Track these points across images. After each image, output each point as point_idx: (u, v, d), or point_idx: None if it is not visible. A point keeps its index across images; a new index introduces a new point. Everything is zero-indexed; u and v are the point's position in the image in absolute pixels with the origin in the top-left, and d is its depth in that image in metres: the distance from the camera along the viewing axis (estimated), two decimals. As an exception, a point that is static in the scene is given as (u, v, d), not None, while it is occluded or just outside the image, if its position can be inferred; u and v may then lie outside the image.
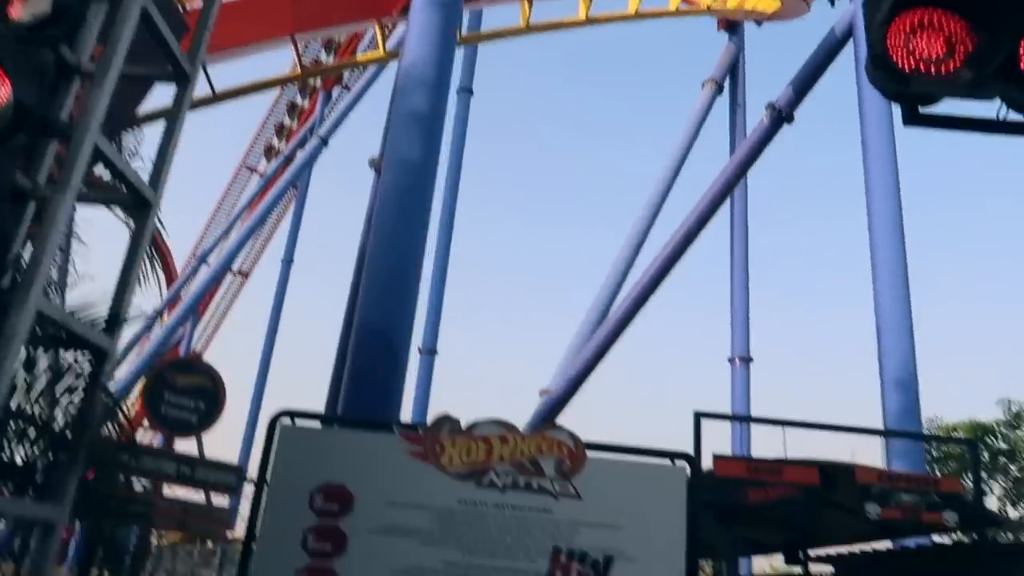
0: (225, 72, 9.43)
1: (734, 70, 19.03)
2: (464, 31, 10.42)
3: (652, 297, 14.62)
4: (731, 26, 19.02)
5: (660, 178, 16.79)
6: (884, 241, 11.79)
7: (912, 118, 2.73)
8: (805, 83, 13.89)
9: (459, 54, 21.70)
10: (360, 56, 11.31)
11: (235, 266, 35.35)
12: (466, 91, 21.37)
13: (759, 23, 18.32)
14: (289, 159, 25.27)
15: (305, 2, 8.68)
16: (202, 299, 34.80)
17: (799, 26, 17.73)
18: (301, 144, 24.28)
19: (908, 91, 2.61)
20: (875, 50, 2.59)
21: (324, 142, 23.14)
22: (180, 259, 33.10)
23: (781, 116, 13.93)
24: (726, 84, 18.72)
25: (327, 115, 23.19)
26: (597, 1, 11.14)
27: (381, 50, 9.70)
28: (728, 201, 16.54)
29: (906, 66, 2.54)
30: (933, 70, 2.56)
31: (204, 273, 24.94)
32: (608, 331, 14.17)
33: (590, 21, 10.98)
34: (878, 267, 12.03)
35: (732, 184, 15.10)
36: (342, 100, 21.80)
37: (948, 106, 2.81)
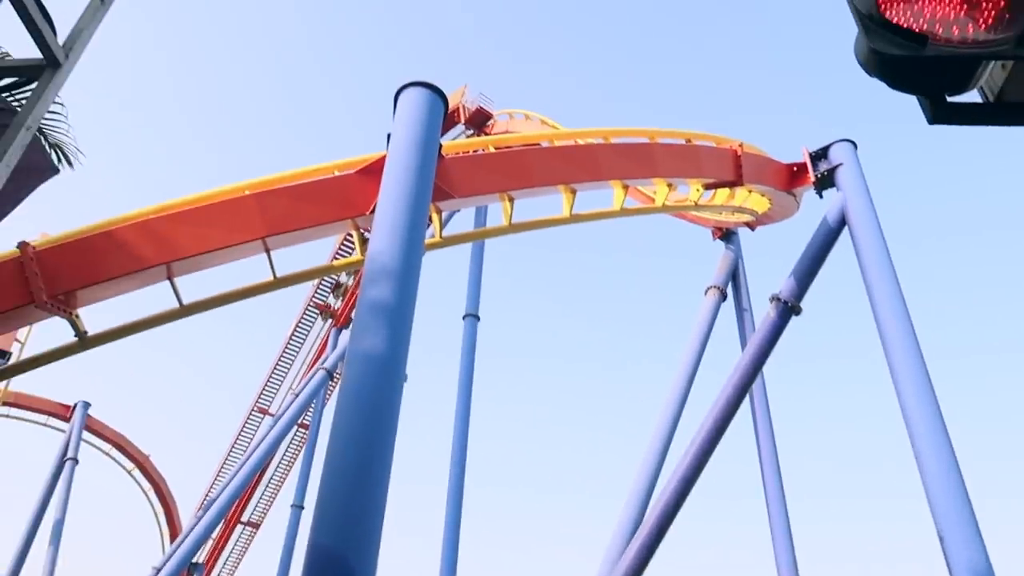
0: (195, 284, 9.13)
1: (735, 276, 18.91)
2: (444, 232, 10.23)
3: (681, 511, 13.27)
4: (726, 235, 19.20)
5: (673, 389, 16.13)
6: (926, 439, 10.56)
7: (940, 113, 1.96)
8: (807, 273, 13.52)
9: (464, 280, 22.28)
10: (336, 261, 11.14)
11: (245, 516, 33.79)
12: (473, 316, 21.40)
13: (752, 228, 18.48)
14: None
15: (273, 203, 8.57)
16: (209, 551, 32.91)
17: (794, 223, 17.80)
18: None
19: (926, 63, 1.87)
20: (864, 9, 1.90)
21: (330, 375, 22.86)
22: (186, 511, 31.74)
23: (788, 308, 13.42)
24: (729, 290, 18.53)
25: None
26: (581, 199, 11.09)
27: (359, 253, 9.43)
28: (749, 403, 15.60)
29: (915, 28, 1.87)
30: (956, 32, 1.83)
31: (210, 522, 23.55)
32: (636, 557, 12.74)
33: (574, 218, 10.82)
34: (924, 468, 10.67)
35: (747, 384, 14.24)
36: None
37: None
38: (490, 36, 79.94)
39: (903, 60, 1.87)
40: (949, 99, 2.02)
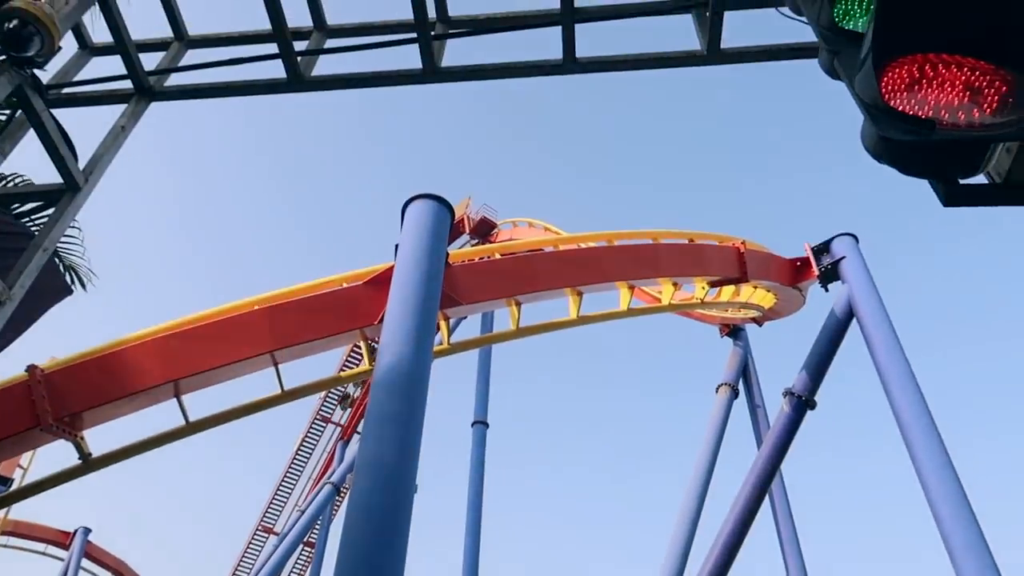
0: (206, 399, 9.06)
1: (745, 372, 18.76)
2: (451, 339, 10.22)
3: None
4: (733, 332, 19.16)
5: (689, 491, 15.75)
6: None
7: (954, 195, 2.00)
8: (819, 366, 13.42)
9: (471, 388, 22.10)
10: (343, 372, 11.07)
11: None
12: (481, 424, 21.12)
13: (759, 324, 18.46)
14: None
15: (282, 317, 8.60)
16: None
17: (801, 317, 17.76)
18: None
19: (936, 148, 1.91)
20: (868, 99, 1.95)
21: (337, 489, 22.33)
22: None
23: (802, 402, 13.24)
24: (740, 387, 18.35)
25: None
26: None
27: (367, 362, 9.38)
28: (769, 501, 15.15)
29: (920, 115, 1.91)
30: (962, 117, 1.90)
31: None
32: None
33: (581, 320, 10.83)
34: (956, 561, 10.28)
35: (767, 482, 13.88)
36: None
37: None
38: (487, 146, 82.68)
39: (913, 146, 1.90)
40: (961, 182, 2.04)
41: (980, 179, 2.11)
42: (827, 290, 14.06)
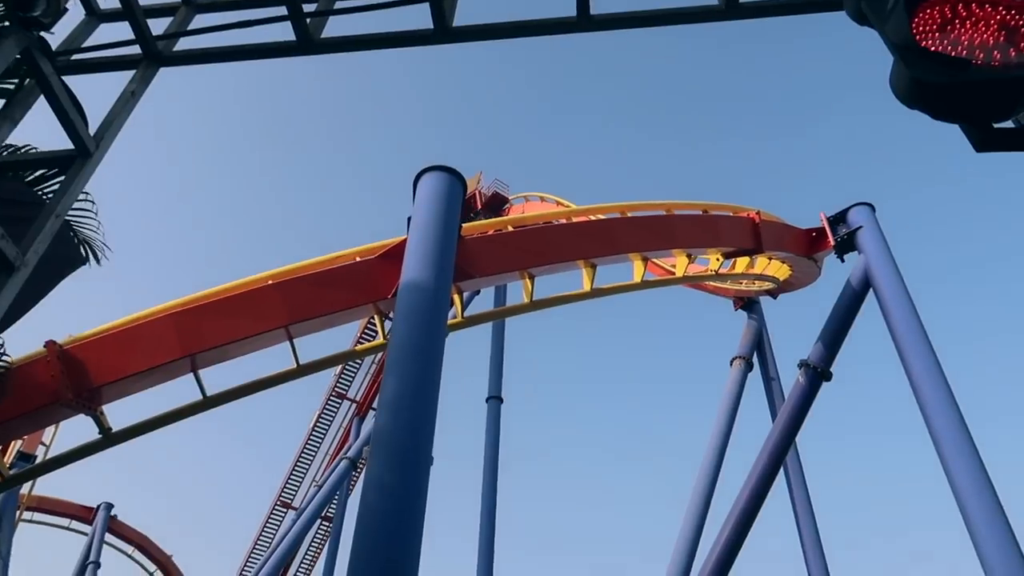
0: (222, 375, 9.12)
1: (760, 345, 18.67)
2: (465, 312, 10.20)
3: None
4: (748, 304, 19.05)
5: (704, 464, 15.79)
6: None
7: (988, 140, 1.94)
8: (834, 338, 13.32)
9: (486, 363, 22.13)
10: (359, 347, 11.10)
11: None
12: (496, 399, 21.17)
13: (774, 296, 18.34)
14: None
15: (296, 291, 8.60)
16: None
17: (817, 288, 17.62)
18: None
19: (970, 89, 1.83)
20: (901, 40, 1.87)
21: (354, 464, 22.53)
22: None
23: (818, 373, 13.17)
24: (755, 360, 18.28)
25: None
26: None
27: (381, 336, 9.39)
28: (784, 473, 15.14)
29: (954, 55, 1.83)
30: (998, 57, 1.80)
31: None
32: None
33: (595, 293, 10.78)
34: (974, 530, 10.22)
35: (781, 454, 13.85)
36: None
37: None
38: (499, 120, 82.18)
39: (946, 88, 1.83)
40: (995, 126, 1.97)
41: (1009, 125, 2.04)
42: (843, 261, 13.91)
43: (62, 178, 4.11)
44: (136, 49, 4.84)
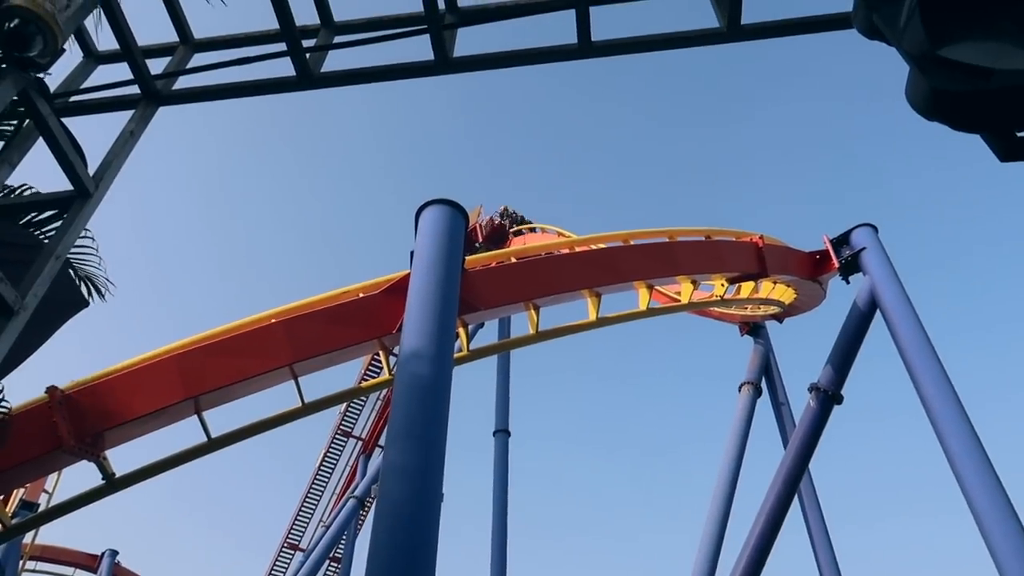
0: (227, 416, 9.01)
1: (768, 370, 18.52)
2: (471, 345, 10.11)
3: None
4: (754, 329, 18.94)
5: (716, 492, 15.56)
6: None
7: (1012, 148, 1.88)
8: (844, 360, 13.21)
9: (491, 398, 21.97)
10: (364, 383, 10.99)
11: None
12: (503, 432, 21.02)
13: (780, 321, 18.23)
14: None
15: (300, 328, 8.53)
16: None
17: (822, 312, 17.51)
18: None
19: (993, 97, 1.76)
20: (916, 50, 1.82)
21: (361, 503, 22.22)
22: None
23: (828, 397, 13.04)
24: (763, 385, 18.12)
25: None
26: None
27: (387, 372, 9.29)
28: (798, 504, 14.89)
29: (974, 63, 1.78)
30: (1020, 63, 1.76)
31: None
32: None
33: (600, 322, 10.69)
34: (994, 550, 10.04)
35: (795, 480, 13.65)
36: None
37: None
38: (497, 153, 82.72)
39: (967, 97, 1.78)
40: (1019, 135, 1.91)
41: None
42: (848, 282, 13.85)
43: (59, 221, 4.07)
44: (135, 89, 4.83)
